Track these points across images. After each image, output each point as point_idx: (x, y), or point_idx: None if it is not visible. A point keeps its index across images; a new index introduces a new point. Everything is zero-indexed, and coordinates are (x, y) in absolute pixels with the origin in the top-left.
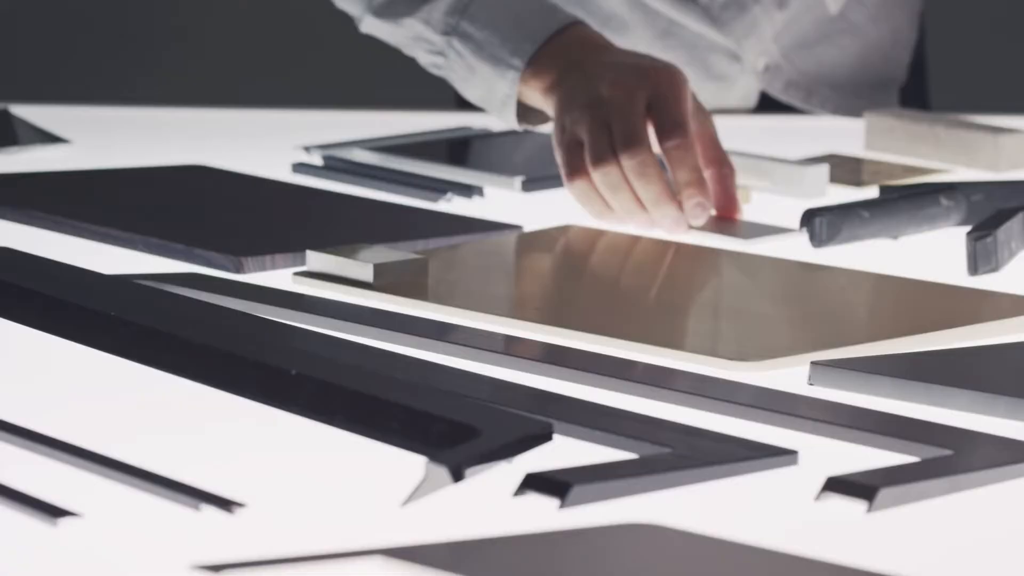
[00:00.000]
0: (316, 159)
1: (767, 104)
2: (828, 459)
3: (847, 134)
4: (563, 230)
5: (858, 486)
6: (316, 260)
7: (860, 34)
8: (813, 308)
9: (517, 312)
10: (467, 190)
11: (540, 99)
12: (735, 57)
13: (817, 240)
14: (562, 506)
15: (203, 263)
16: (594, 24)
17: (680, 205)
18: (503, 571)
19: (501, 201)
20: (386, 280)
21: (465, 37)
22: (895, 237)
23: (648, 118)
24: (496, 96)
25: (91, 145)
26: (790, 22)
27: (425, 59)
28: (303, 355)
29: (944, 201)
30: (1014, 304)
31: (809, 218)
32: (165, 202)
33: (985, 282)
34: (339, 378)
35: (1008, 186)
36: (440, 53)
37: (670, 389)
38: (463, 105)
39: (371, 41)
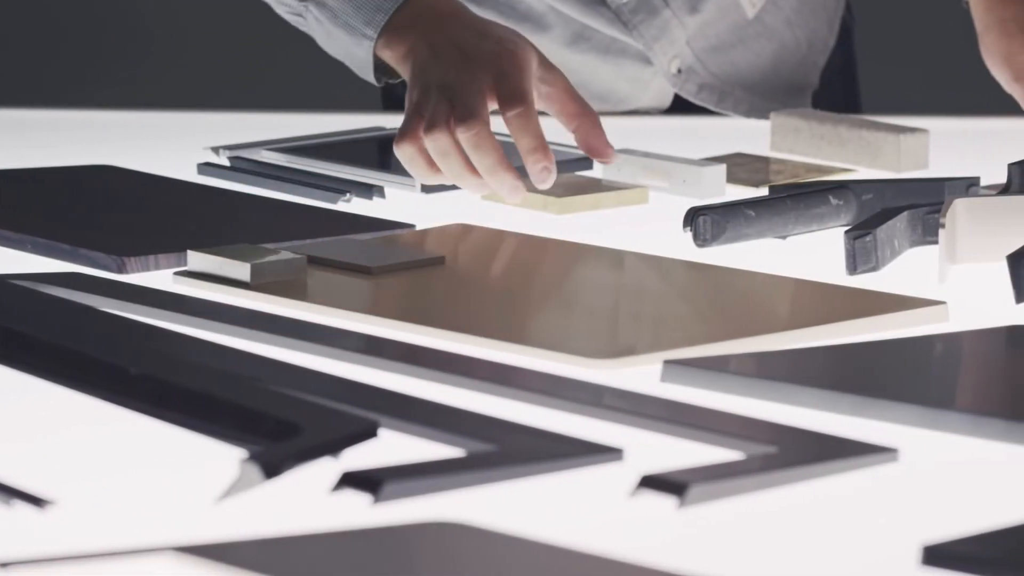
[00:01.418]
0: (223, 160)
1: (681, 106)
2: (656, 456)
3: (758, 135)
4: (450, 229)
5: (670, 482)
6: (196, 260)
7: (776, 38)
8: (682, 306)
9: (384, 311)
10: (367, 190)
11: (396, 65)
12: (647, 60)
13: (701, 239)
14: (375, 502)
15: (87, 263)
16: (515, 23)
17: (516, 174)
18: (298, 568)
19: (401, 202)
20: (264, 280)
21: (320, 4)
22: (783, 236)
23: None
24: (356, 60)
25: None
26: (704, 25)
27: (289, 17)
28: (148, 354)
29: (834, 200)
30: (878, 302)
31: (693, 217)
32: (62, 202)
33: (865, 281)
34: (176, 376)
35: (900, 185)
36: (299, 15)
37: (512, 387)
38: (390, 108)
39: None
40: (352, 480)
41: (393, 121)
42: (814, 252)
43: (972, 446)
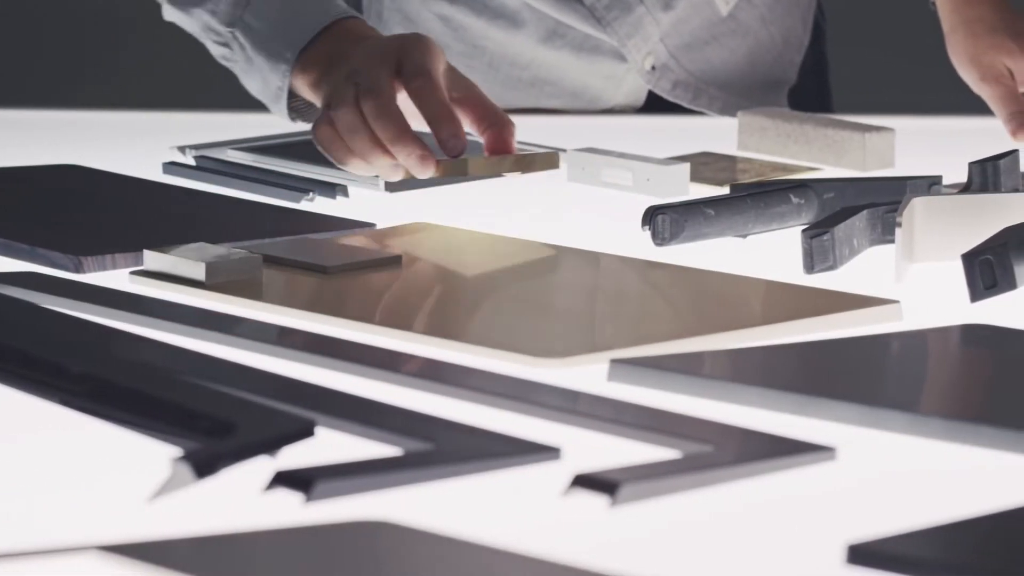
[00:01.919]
0: (189, 159)
1: (655, 103)
2: (594, 455)
3: (727, 134)
4: (409, 227)
5: (602, 482)
6: (152, 259)
7: (750, 35)
8: (634, 305)
9: (338, 311)
10: (331, 189)
11: (309, 93)
12: (621, 57)
13: (659, 238)
14: (307, 501)
15: (45, 263)
16: (488, 20)
17: (422, 145)
18: (223, 567)
19: (365, 201)
20: (219, 279)
21: (247, 29)
22: (744, 235)
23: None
24: (271, 89)
25: None
26: (678, 23)
27: (215, 50)
28: (90, 352)
29: (795, 199)
30: (832, 301)
31: (651, 216)
32: (25, 202)
33: (822, 280)
34: (116, 375)
35: (862, 184)
36: (226, 44)
37: (454, 385)
38: None
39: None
40: (284, 479)
41: None
42: (775, 251)
43: (912, 445)
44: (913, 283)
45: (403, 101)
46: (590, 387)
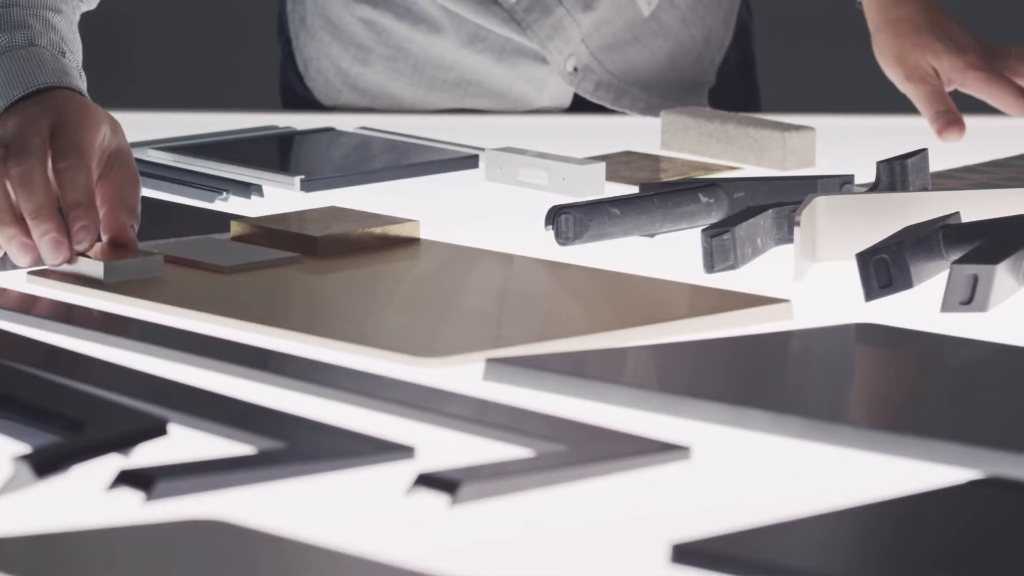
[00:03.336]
0: None
1: (581, 106)
2: (448, 454)
3: (653, 133)
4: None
5: (443, 481)
6: None
7: (671, 36)
8: (523, 304)
9: (232, 311)
10: (246, 189)
11: None
12: (543, 60)
13: (563, 238)
14: (148, 500)
15: None
16: (410, 25)
17: (60, 225)
18: (52, 567)
19: (280, 200)
20: (118, 279)
21: None
22: (651, 235)
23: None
24: None
25: None
26: (600, 24)
27: None
28: None
29: (704, 198)
30: (723, 300)
31: (555, 216)
32: None
33: (720, 279)
34: None
35: (773, 183)
36: None
37: (319, 384)
38: (289, 107)
39: (196, 42)
40: (127, 478)
41: (291, 120)
42: (681, 250)
43: (773, 444)
44: (814, 282)
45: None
46: (465, 386)
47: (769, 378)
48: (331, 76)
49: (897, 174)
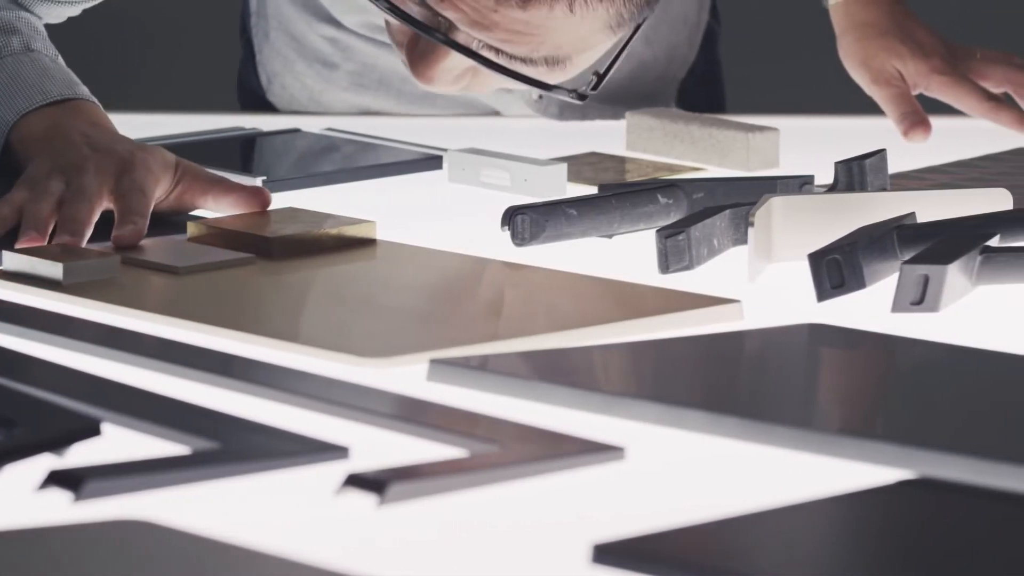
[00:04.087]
0: None
1: None
2: (381, 454)
3: (619, 134)
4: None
5: (370, 481)
6: (10, 260)
7: (633, 56)
8: (474, 305)
9: (182, 312)
10: None
11: (25, 143)
12: (506, 89)
13: (519, 239)
14: (76, 500)
15: None
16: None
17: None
18: None
19: None
20: (76, 280)
21: None
22: (609, 236)
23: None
24: None
25: None
26: None
27: None
28: None
29: (663, 199)
30: (673, 301)
31: (511, 216)
32: None
33: (675, 280)
34: None
35: (732, 183)
36: None
37: (257, 383)
38: (248, 107)
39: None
40: (56, 478)
41: (258, 122)
42: (640, 251)
43: (709, 445)
44: (768, 282)
45: None
46: (409, 387)
47: (711, 378)
48: (296, 92)
49: (855, 174)
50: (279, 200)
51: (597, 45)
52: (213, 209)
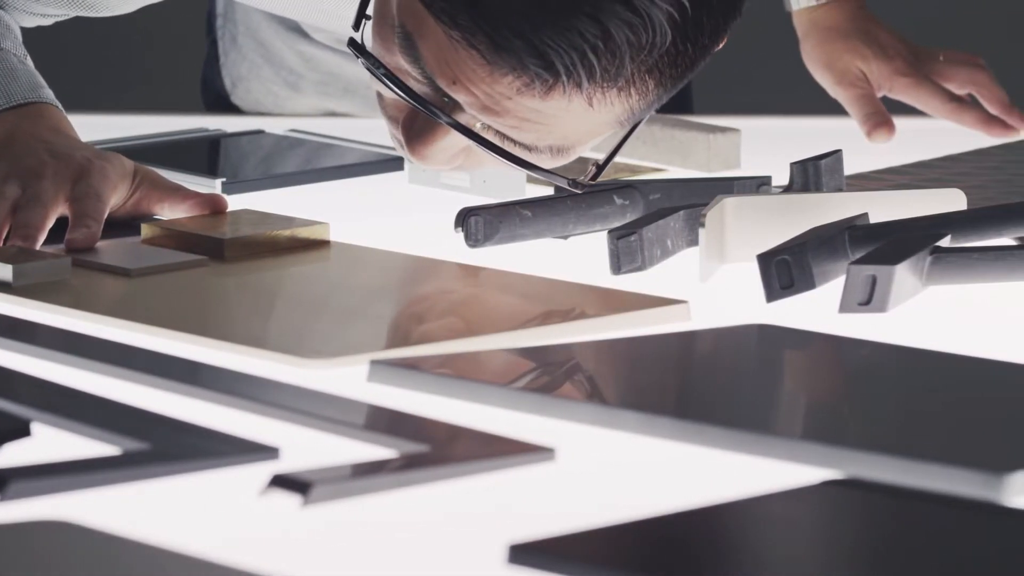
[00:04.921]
0: None
1: None
2: (312, 455)
3: None
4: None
5: (295, 481)
6: None
7: None
8: (419, 306)
9: (132, 314)
10: None
11: None
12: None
13: (473, 240)
14: (1, 500)
15: None
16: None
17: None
18: None
19: None
20: (27, 281)
21: None
22: (565, 237)
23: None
24: None
25: None
26: None
27: None
28: None
29: (619, 200)
30: (621, 301)
31: (464, 217)
32: None
33: (626, 281)
34: None
35: (689, 184)
36: None
37: (189, 383)
38: (212, 108)
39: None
40: None
41: (216, 122)
42: (594, 252)
43: (642, 445)
44: (720, 283)
45: None
46: (349, 388)
47: (650, 379)
48: (261, 96)
49: (811, 175)
50: (241, 201)
51: (601, 136)
52: (169, 216)
